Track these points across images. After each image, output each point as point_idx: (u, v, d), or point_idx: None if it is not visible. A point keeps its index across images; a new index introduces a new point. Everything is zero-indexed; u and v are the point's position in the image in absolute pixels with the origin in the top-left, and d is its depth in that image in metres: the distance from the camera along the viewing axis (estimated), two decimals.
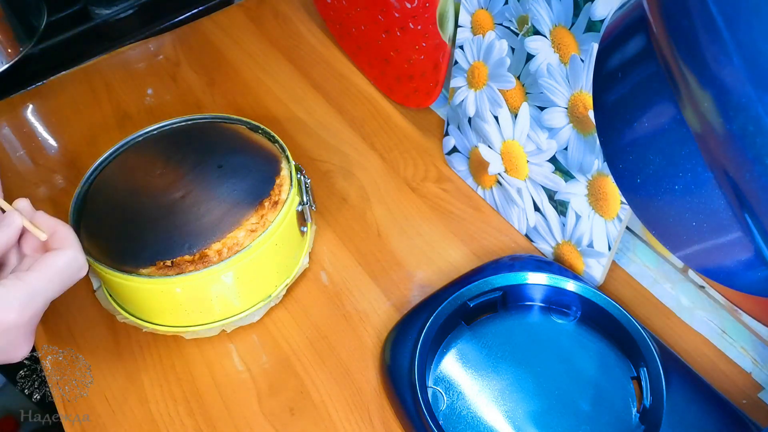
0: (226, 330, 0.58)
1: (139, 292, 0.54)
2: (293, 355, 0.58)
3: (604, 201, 0.54)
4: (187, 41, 0.88)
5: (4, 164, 0.75)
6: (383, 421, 0.53)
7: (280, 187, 0.57)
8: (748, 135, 0.22)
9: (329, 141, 0.74)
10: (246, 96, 0.80)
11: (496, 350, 0.54)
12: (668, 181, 0.27)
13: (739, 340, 0.55)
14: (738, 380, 0.54)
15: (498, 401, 0.51)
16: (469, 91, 0.64)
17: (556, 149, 0.57)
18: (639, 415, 0.50)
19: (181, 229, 0.54)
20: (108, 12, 0.91)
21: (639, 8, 0.27)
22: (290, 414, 0.54)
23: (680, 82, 0.25)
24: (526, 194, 0.62)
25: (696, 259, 0.29)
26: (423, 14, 0.67)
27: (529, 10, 0.53)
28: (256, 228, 0.54)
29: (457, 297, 0.54)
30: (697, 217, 0.27)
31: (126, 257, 0.53)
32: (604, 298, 0.53)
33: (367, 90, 0.79)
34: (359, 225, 0.66)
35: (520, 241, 0.64)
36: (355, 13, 0.77)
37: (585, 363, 0.53)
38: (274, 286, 0.59)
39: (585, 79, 0.51)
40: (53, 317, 0.61)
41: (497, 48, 0.59)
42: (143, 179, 0.58)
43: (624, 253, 0.62)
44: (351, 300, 0.61)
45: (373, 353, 0.57)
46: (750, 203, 0.24)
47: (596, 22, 0.49)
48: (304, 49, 0.85)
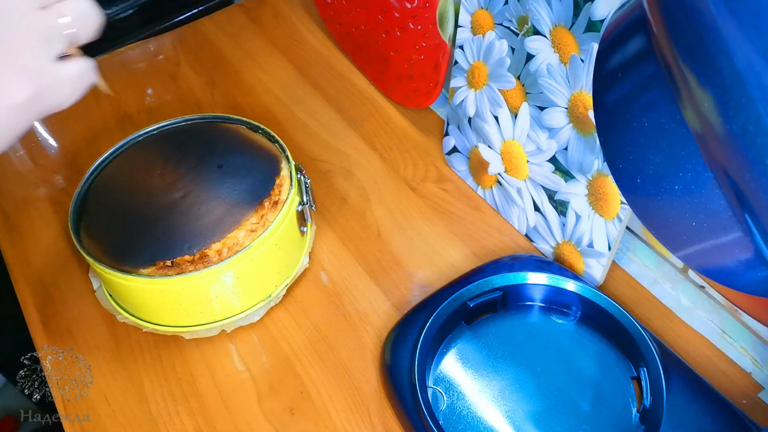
0: (226, 330, 0.58)
1: (139, 292, 0.54)
2: (293, 355, 0.58)
3: (604, 201, 0.54)
4: (187, 41, 0.88)
5: (4, 164, 0.75)
6: (383, 421, 0.53)
7: (280, 187, 0.57)
8: (748, 135, 0.22)
9: (329, 141, 0.74)
10: (246, 96, 0.80)
11: (496, 350, 0.54)
12: (668, 181, 0.27)
13: (739, 340, 0.55)
14: (738, 380, 0.54)
15: (498, 401, 0.51)
16: (469, 91, 0.64)
17: (556, 149, 0.57)
18: (639, 415, 0.50)
19: (181, 229, 0.54)
20: (108, 12, 0.91)
21: (639, 8, 0.27)
22: (290, 414, 0.54)
23: (680, 82, 0.25)
24: (526, 194, 0.62)
25: (696, 259, 0.29)
26: (423, 14, 0.67)
27: (529, 10, 0.53)
28: (256, 228, 0.54)
29: (457, 297, 0.54)
30: (697, 217, 0.27)
31: (126, 257, 0.53)
32: (604, 298, 0.53)
33: (367, 90, 0.79)
34: (359, 225, 0.66)
35: (520, 241, 0.64)
36: (355, 13, 0.77)
37: (585, 363, 0.53)
38: (274, 286, 0.59)
39: (585, 79, 0.51)
40: (53, 317, 0.61)
41: (497, 48, 0.59)
42: (143, 179, 0.58)
43: (624, 253, 0.62)
44: (351, 300, 0.61)
45: (373, 353, 0.57)
46: (750, 203, 0.24)
47: (596, 22, 0.49)
48: (304, 49, 0.85)
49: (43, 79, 0.34)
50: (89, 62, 0.36)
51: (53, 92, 0.35)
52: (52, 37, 0.34)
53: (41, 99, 0.34)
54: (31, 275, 0.65)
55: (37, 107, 0.34)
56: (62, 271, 0.65)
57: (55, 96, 0.35)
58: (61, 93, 0.35)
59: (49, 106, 0.35)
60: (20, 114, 0.34)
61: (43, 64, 0.34)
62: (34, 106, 0.34)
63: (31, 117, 0.34)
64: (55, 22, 0.34)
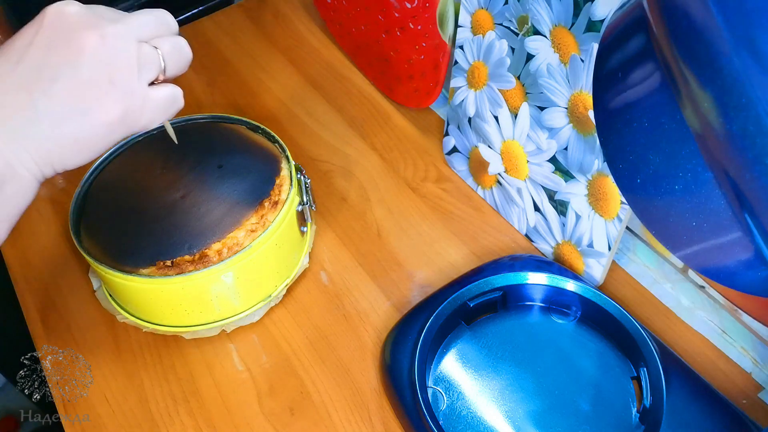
0: (226, 330, 0.58)
1: (139, 292, 0.54)
2: (293, 355, 0.58)
3: (604, 201, 0.54)
4: (187, 41, 0.88)
5: None
6: (383, 421, 0.53)
7: (280, 187, 0.57)
8: (748, 135, 0.22)
9: (329, 141, 0.74)
10: (246, 96, 0.80)
11: (496, 350, 0.54)
12: (668, 181, 0.27)
13: (739, 340, 0.55)
14: (738, 380, 0.54)
15: (498, 401, 0.51)
16: (469, 91, 0.64)
17: (556, 149, 0.57)
18: (639, 415, 0.50)
19: (181, 229, 0.54)
20: None
21: (639, 8, 0.27)
22: (290, 414, 0.54)
23: (680, 82, 0.25)
24: (526, 194, 0.62)
25: (696, 259, 0.29)
26: (423, 14, 0.67)
27: (529, 10, 0.53)
28: (256, 228, 0.54)
29: (457, 297, 0.54)
30: (697, 217, 0.27)
31: (126, 257, 0.53)
32: (604, 298, 0.53)
33: (367, 90, 0.79)
34: (359, 225, 0.66)
35: (520, 241, 0.64)
36: (355, 13, 0.77)
37: (585, 363, 0.53)
38: (274, 286, 0.59)
39: (585, 79, 0.51)
40: (53, 317, 0.61)
41: (497, 48, 0.59)
42: (143, 179, 0.58)
43: (624, 253, 0.62)
44: (351, 300, 0.61)
45: (373, 353, 0.57)
46: (750, 203, 0.24)
47: (596, 22, 0.49)
48: (304, 49, 0.85)
49: (135, 100, 0.39)
50: (178, 90, 0.41)
51: (142, 113, 0.39)
52: (146, 66, 0.39)
53: (131, 118, 0.39)
54: (31, 275, 0.65)
55: (127, 125, 0.39)
56: (62, 271, 0.64)
57: (143, 117, 0.40)
58: (149, 114, 0.40)
59: (137, 125, 0.40)
60: (112, 130, 0.38)
61: (136, 88, 0.39)
62: (125, 124, 0.39)
63: (120, 133, 0.39)
64: (152, 54, 0.39)
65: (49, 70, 0.37)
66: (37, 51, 0.37)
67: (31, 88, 0.36)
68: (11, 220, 0.38)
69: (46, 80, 0.37)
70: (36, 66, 0.37)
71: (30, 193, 0.38)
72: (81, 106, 0.37)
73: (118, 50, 0.38)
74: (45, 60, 0.37)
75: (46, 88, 0.36)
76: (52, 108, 0.37)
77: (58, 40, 0.37)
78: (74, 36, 0.37)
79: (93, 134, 0.38)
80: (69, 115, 0.37)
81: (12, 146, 0.36)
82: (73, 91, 0.37)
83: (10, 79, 0.36)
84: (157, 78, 0.40)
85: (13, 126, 0.36)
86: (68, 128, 0.37)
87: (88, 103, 0.37)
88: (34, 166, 0.37)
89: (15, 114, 0.36)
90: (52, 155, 0.37)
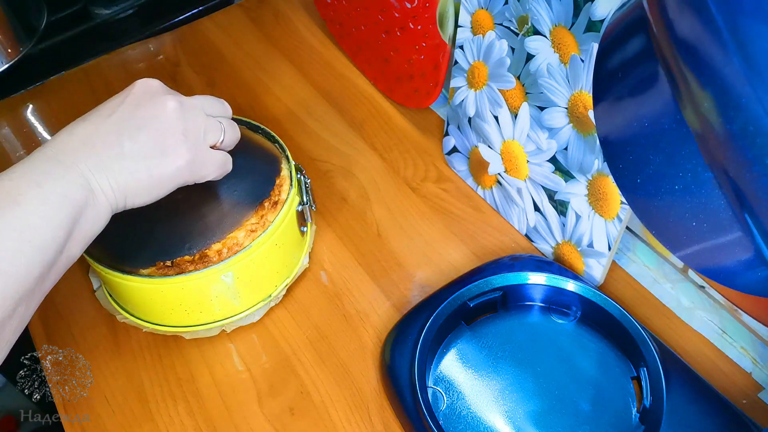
0: (226, 330, 0.58)
1: (139, 292, 0.54)
2: (293, 355, 0.58)
3: (604, 201, 0.54)
4: (187, 41, 0.88)
5: (4, 164, 0.75)
6: (383, 421, 0.53)
7: (280, 187, 0.57)
8: (748, 135, 0.22)
9: (329, 141, 0.74)
10: (246, 96, 0.80)
11: (496, 350, 0.54)
12: (668, 181, 0.27)
13: (739, 340, 0.55)
14: (738, 380, 0.54)
15: (498, 401, 0.51)
16: (469, 91, 0.64)
17: (556, 149, 0.57)
18: (639, 415, 0.50)
19: (181, 230, 0.54)
20: (108, 12, 0.91)
21: (639, 8, 0.27)
22: (290, 414, 0.54)
23: (680, 82, 0.25)
24: (526, 194, 0.62)
25: (696, 259, 0.29)
26: (423, 14, 0.67)
27: (529, 10, 0.53)
28: (256, 228, 0.54)
29: (457, 297, 0.54)
30: (697, 217, 0.27)
31: (126, 257, 0.53)
32: (604, 298, 0.53)
33: (367, 90, 0.79)
34: (359, 225, 0.67)
35: (520, 241, 0.64)
36: (355, 13, 0.77)
37: (585, 363, 0.53)
38: (274, 286, 0.59)
39: (585, 79, 0.51)
40: (53, 317, 0.61)
41: (497, 48, 0.59)
42: None
43: (624, 253, 0.62)
44: (351, 300, 0.61)
45: (373, 353, 0.57)
46: (750, 203, 0.24)
47: (596, 22, 0.49)
48: (304, 49, 0.85)
49: (200, 154, 0.47)
50: (229, 157, 0.50)
51: (203, 165, 0.48)
52: (210, 131, 0.48)
53: (195, 166, 0.47)
54: None
55: (191, 171, 0.47)
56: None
57: (204, 168, 0.48)
58: (209, 167, 0.48)
59: (198, 174, 0.48)
60: (180, 174, 0.46)
61: (202, 144, 0.47)
62: (190, 170, 0.47)
63: (184, 179, 0.47)
64: (215, 124, 0.49)
65: (136, 120, 0.44)
66: (127, 108, 0.45)
67: (120, 132, 0.44)
68: (86, 241, 0.43)
69: (133, 128, 0.44)
70: (125, 118, 0.44)
71: (103, 220, 0.43)
72: (160, 148, 0.44)
73: (191, 113, 0.47)
74: (133, 113, 0.45)
75: (132, 133, 0.44)
76: (135, 149, 0.44)
77: (145, 100, 0.45)
78: (159, 99, 0.46)
79: (165, 173, 0.45)
80: (149, 154, 0.44)
81: (98, 175, 0.42)
82: (155, 137, 0.44)
83: (102, 127, 0.44)
84: (215, 144, 0.49)
85: (100, 159, 0.42)
86: (146, 165, 0.44)
87: (166, 148, 0.45)
88: (112, 196, 0.43)
89: (103, 151, 0.43)
90: (128, 188, 0.43)
